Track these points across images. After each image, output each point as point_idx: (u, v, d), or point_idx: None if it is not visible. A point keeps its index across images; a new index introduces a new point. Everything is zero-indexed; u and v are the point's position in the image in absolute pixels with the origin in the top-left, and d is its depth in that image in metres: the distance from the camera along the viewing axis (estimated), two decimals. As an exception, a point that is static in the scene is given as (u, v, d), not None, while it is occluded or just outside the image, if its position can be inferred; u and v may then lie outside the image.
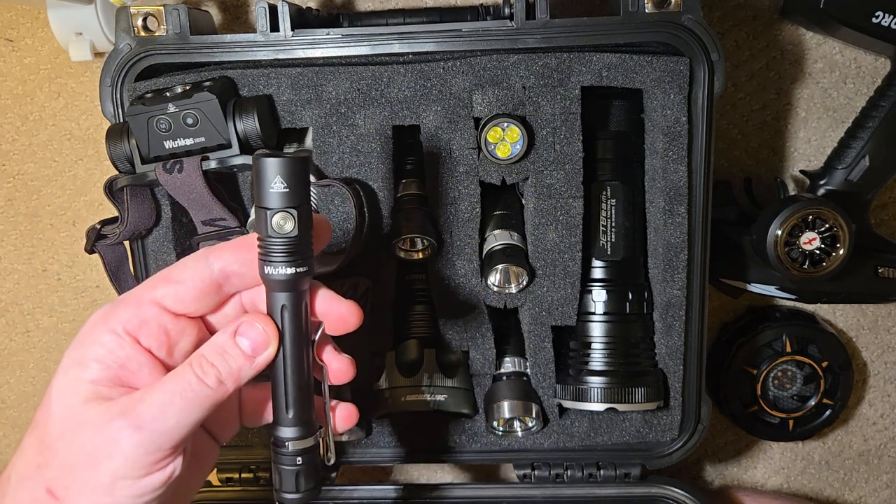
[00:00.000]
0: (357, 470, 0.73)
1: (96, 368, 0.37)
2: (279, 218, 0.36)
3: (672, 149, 0.55)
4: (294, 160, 0.36)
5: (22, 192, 0.72)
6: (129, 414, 0.36)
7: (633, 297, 0.57)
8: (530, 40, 0.53)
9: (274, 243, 0.37)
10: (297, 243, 0.37)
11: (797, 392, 0.67)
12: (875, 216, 0.68)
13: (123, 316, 0.37)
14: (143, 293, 0.38)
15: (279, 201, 0.36)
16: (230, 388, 0.37)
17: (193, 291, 0.38)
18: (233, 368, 0.37)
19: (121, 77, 0.54)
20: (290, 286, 0.38)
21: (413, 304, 0.60)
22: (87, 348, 0.37)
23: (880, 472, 0.74)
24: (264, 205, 0.36)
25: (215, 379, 0.37)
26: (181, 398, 0.36)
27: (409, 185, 0.57)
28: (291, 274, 0.37)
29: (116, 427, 0.36)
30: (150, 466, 0.36)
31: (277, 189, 0.36)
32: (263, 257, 0.37)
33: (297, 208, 0.36)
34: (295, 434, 0.40)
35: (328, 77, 0.54)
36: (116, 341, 0.37)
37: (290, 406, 0.40)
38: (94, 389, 0.37)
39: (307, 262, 0.38)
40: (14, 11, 0.69)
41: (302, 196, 0.37)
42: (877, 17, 0.58)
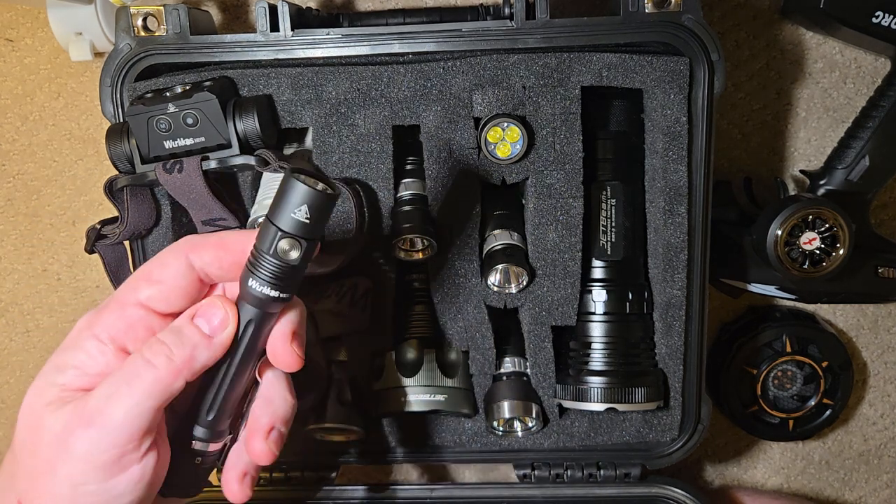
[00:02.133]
0: (357, 470, 0.73)
1: (72, 374, 0.35)
2: (287, 243, 0.35)
3: (672, 149, 0.55)
4: (326, 196, 0.35)
5: (22, 192, 0.72)
6: (80, 412, 0.34)
7: (633, 297, 0.57)
8: (530, 40, 0.53)
9: (270, 263, 0.36)
10: (291, 272, 0.36)
11: (797, 392, 0.67)
12: (875, 216, 0.68)
13: (108, 321, 0.36)
14: (127, 295, 0.37)
15: (295, 228, 0.35)
16: (183, 369, 0.35)
17: (176, 290, 0.37)
18: (186, 347, 0.35)
19: (121, 77, 0.54)
20: (264, 305, 0.37)
21: (413, 304, 0.60)
22: (69, 353, 0.36)
23: (880, 472, 0.74)
24: (279, 224, 0.35)
25: (165, 359, 0.34)
26: (126, 385, 0.34)
27: (409, 185, 0.57)
28: (273, 297, 0.36)
29: (68, 428, 0.34)
30: (110, 468, 0.34)
31: (299, 216, 0.35)
32: (252, 267, 0.36)
33: (308, 241, 0.36)
34: (204, 436, 0.40)
35: (328, 77, 0.54)
36: (99, 348, 0.36)
37: (212, 409, 0.39)
38: (60, 394, 0.35)
39: (290, 291, 0.37)
40: (14, 11, 0.69)
41: (318, 231, 0.36)
42: (877, 17, 0.58)
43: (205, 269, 0.37)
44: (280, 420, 0.39)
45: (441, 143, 0.55)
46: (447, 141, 0.55)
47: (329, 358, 0.61)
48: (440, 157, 0.55)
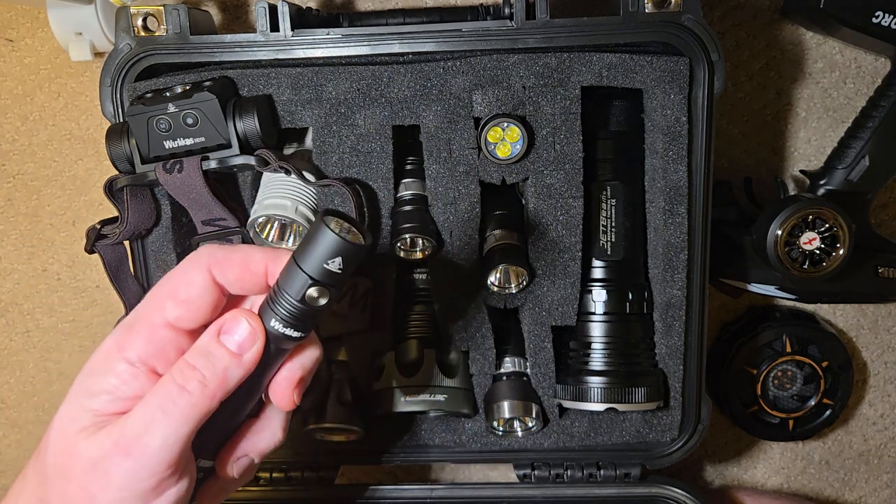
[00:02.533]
0: (357, 470, 0.73)
1: (105, 400, 0.35)
2: (316, 291, 0.34)
3: (672, 149, 0.55)
4: (361, 248, 0.34)
5: (22, 192, 0.72)
6: (116, 440, 0.34)
7: (633, 297, 0.57)
8: (530, 40, 0.53)
9: (295, 308, 0.35)
10: (314, 315, 0.36)
11: (797, 392, 0.67)
12: (875, 216, 0.68)
13: (138, 343, 0.35)
14: (154, 315, 0.36)
15: (327, 278, 0.34)
16: (217, 392, 0.35)
17: (203, 308, 0.36)
18: (217, 370, 0.35)
19: (121, 77, 0.54)
20: (281, 343, 0.37)
21: (413, 304, 0.60)
22: (100, 378, 0.35)
23: (880, 472, 0.74)
24: (310, 272, 0.34)
25: (198, 384, 0.34)
26: (163, 412, 0.34)
27: (409, 185, 0.57)
28: (293, 337, 0.36)
29: (106, 457, 0.33)
30: (147, 495, 0.34)
31: (332, 268, 0.34)
32: (273, 306, 0.36)
33: (337, 289, 0.35)
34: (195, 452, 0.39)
35: (328, 77, 0.54)
36: (131, 372, 0.35)
37: (204, 429, 0.37)
38: (94, 419, 0.35)
39: (308, 331, 0.37)
40: (14, 11, 0.69)
41: (346, 280, 0.35)
42: (877, 16, 0.58)
43: (227, 285, 0.37)
44: (257, 453, 0.40)
45: (441, 143, 0.55)
46: (447, 141, 0.55)
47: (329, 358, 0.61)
48: (440, 157, 0.55)
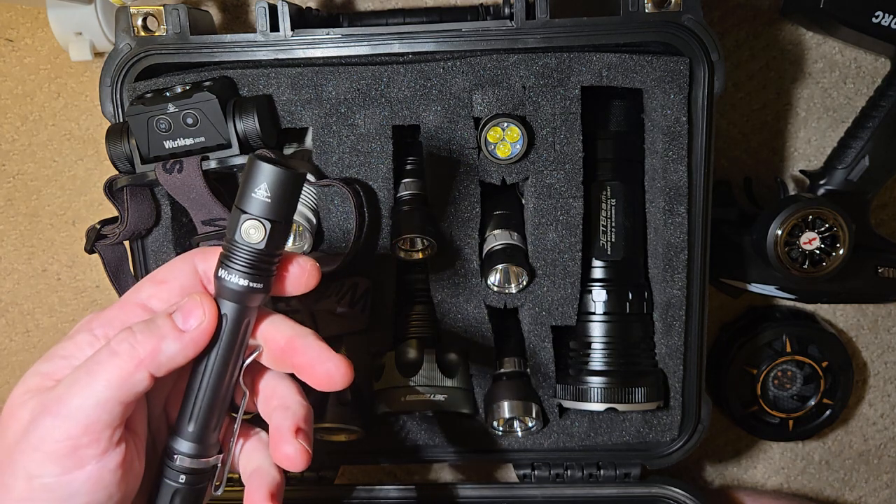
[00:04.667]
0: (357, 470, 0.73)
1: (58, 364, 0.35)
2: (250, 225, 0.34)
3: (672, 149, 0.55)
4: (287, 173, 0.34)
5: (22, 192, 0.72)
6: (47, 397, 0.33)
7: (633, 297, 0.57)
8: (530, 40, 0.53)
9: (237, 248, 0.35)
10: (259, 257, 0.35)
11: (797, 392, 0.67)
12: (875, 216, 0.68)
13: (107, 318, 0.36)
14: (130, 295, 0.36)
15: (257, 208, 0.34)
16: (145, 360, 0.33)
17: (178, 291, 0.36)
18: (152, 338, 0.33)
19: (121, 77, 0.54)
20: (238, 297, 0.36)
21: (413, 304, 0.60)
22: (61, 344, 0.35)
23: (880, 472, 0.74)
24: (241, 206, 0.35)
25: (127, 346, 0.33)
26: (87, 373, 0.33)
27: (409, 185, 0.57)
28: (243, 286, 0.35)
29: (32, 417, 0.33)
30: (64, 460, 0.32)
31: (259, 195, 0.34)
32: (223, 259, 0.35)
33: (272, 222, 0.34)
34: (189, 450, 0.37)
35: (328, 77, 0.54)
36: (88, 340, 0.35)
37: (193, 418, 0.37)
38: (40, 383, 0.34)
39: (263, 281, 0.36)
40: (14, 11, 0.69)
41: (283, 212, 0.35)
42: (877, 16, 0.58)
43: (207, 274, 0.36)
44: (302, 420, 0.38)
45: (441, 143, 0.55)
46: (447, 141, 0.55)
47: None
48: (440, 157, 0.55)
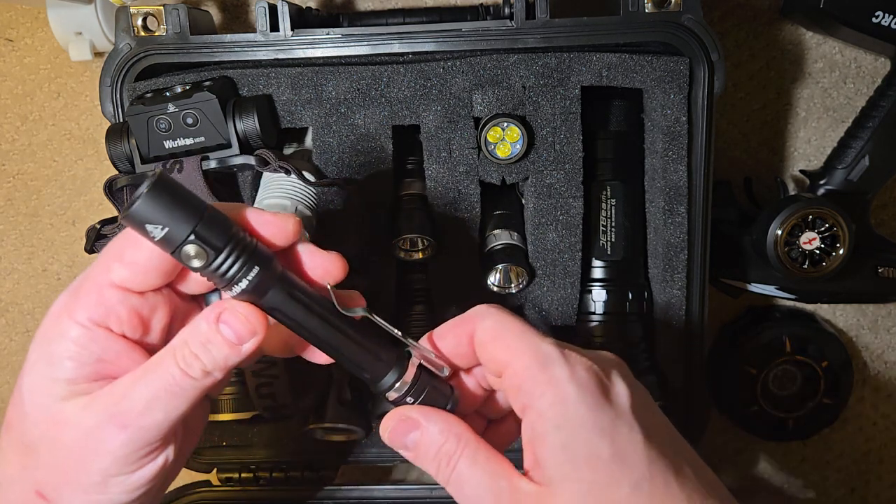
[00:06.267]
0: (357, 470, 0.73)
1: (70, 366, 0.35)
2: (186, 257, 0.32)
3: (672, 148, 0.55)
4: (142, 199, 0.30)
5: (22, 192, 0.72)
6: (113, 412, 0.34)
7: (633, 296, 0.57)
8: (530, 40, 0.53)
9: (209, 275, 0.33)
10: (224, 257, 0.32)
11: (797, 392, 0.67)
12: (875, 216, 0.68)
13: (88, 305, 0.35)
14: (101, 276, 0.35)
15: (171, 241, 0.32)
16: (218, 376, 0.35)
17: (151, 271, 0.35)
18: (218, 359, 0.35)
19: (120, 77, 0.54)
20: (258, 288, 0.34)
21: (413, 304, 0.60)
22: (56, 344, 0.35)
23: (881, 473, 0.74)
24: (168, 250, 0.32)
25: (200, 371, 0.34)
26: (166, 393, 0.34)
27: (409, 185, 0.57)
28: (248, 283, 0.33)
29: (101, 426, 0.34)
30: (140, 461, 0.35)
31: (159, 233, 0.31)
32: (217, 287, 0.34)
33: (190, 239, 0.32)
34: (390, 382, 0.36)
35: (328, 77, 0.54)
36: (87, 335, 0.35)
37: (362, 367, 0.36)
38: (71, 388, 0.35)
39: (251, 259, 0.33)
40: (14, 11, 0.69)
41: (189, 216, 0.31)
42: (877, 16, 0.58)
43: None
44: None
45: (441, 143, 0.55)
46: (447, 141, 0.55)
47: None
48: (440, 157, 0.55)
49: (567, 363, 0.35)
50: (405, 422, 0.37)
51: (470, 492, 0.35)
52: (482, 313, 0.38)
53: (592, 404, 0.34)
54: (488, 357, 0.37)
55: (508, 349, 0.36)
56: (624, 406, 0.35)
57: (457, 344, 0.39)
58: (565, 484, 0.33)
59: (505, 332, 0.37)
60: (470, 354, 0.39)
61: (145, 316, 0.36)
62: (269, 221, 0.35)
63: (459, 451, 0.35)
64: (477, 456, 0.35)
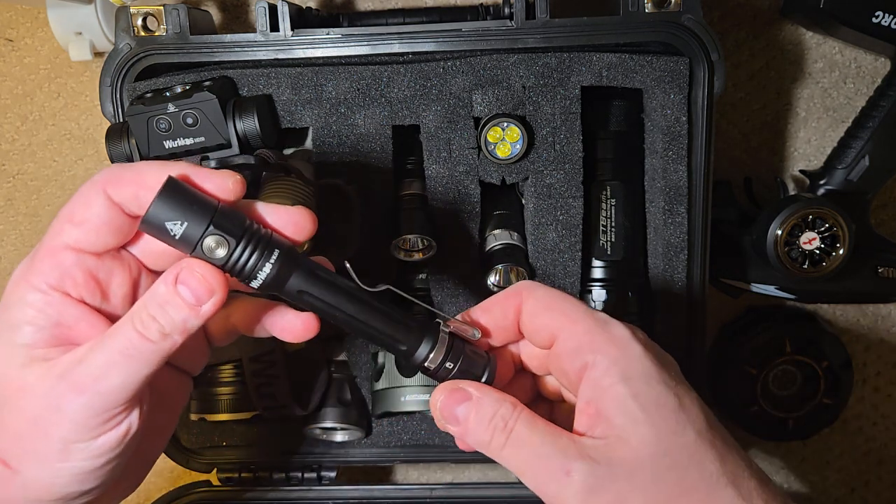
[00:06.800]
0: (357, 470, 0.73)
1: (29, 331, 0.34)
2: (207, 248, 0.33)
3: (672, 149, 0.55)
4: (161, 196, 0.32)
5: (22, 192, 0.72)
6: (70, 377, 0.34)
7: (633, 296, 0.57)
8: (530, 40, 0.53)
9: (232, 268, 0.33)
10: (244, 245, 0.33)
11: (797, 392, 0.67)
12: (875, 216, 0.68)
13: (42, 270, 0.35)
14: (54, 239, 0.35)
15: (189, 236, 0.32)
16: (178, 339, 0.34)
17: (103, 229, 0.35)
18: (176, 321, 0.34)
19: (120, 77, 0.54)
20: (282, 273, 0.34)
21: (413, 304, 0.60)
22: (15, 310, 0.35)
23: (881, 473, 0.74)
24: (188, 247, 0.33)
25: (158, 333, 0.34)
26: (122, 356, 0.34)
27: (409, 185, 0.57)
28: (272, 267, 0.33)
29: (58, 392, 0.34)
30: (100, 427, 0.34)
31: (178, 229, 0.32)
32: (242, 281, 0.34)
33: (210, 231, 0.32)
34: (424, 353, 0.37)
35: (328, 77, 0.54)
36: (44, 299, 0.34)
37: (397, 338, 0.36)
38: (30, 353, 0.34)
39: (269, 247, 0.33)
40: (14, 11, 0.69)
41: (204, 210, 0.32)
42: (877, 16, 0.58)
43: (126, 205, 0.35)
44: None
45: (441, 143, 0.55)
46: (447, 141, 0.55)
47: (329, 358, 0.62)
48: (440, 157, 0.55)
49: (625, 325, 0.37)
50: (457, 391, 0.37)
51: (529, 452, 0.35)
52: (530, 286, 0.39)
53: (655, 362, 0.36)
54: (540, 325, 0.38)
55: (565, 314, 0.37)
56: (677, 368, 0.38)
57: (502, 317, 0.39)
58: (637, 428, 0.34)
59: (559, 301, 0.38)
60: (509, 329, 0.39)
61: (102, 280, 0.36)
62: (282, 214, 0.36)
63: (517, 415, 0.36)
64: (534, 419, 0.36)
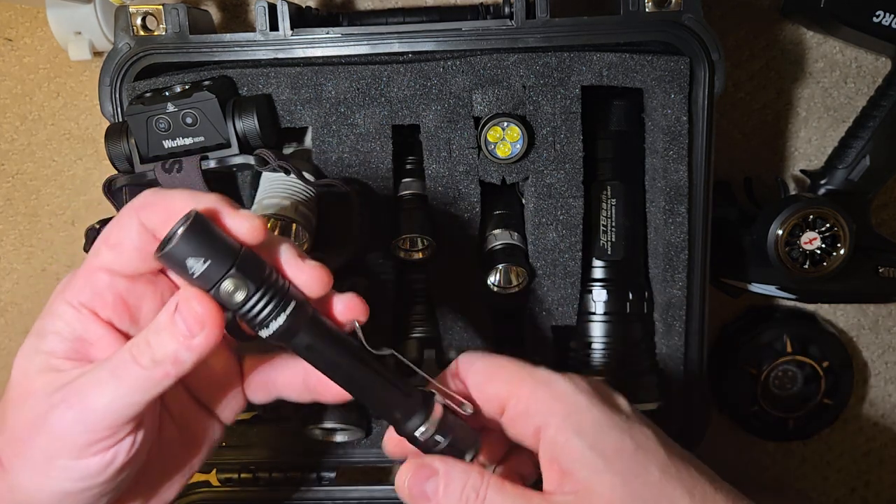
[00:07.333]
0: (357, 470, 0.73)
1: (53, 340, 0.35)
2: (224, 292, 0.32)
3: (672, 148, 0.55)
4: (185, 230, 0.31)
5: (21, 192, 0.72)
6: (65, 390, 0.34)
7: (633, 296, 0.57)
8: (530, 39, 0.53)
9: (244, 313, 0.33)
10: (262, 293, 0.32)
11: (798, 392, 0.67)
12: (876, 216, 0.68)
13: (77, 287, 0.35)
14: (93, 259, 0.35)
15: (211, 275, 0.32)
16: (170, 370, 0.33)
17: (134, 253, 0.35)
18: (168, 350, 0.33)
19: (120, 76, 0.54)
20: (292, 328, 0.33)
21: (413, 304, 0.60)
22: (47, 320, 0.35)
23: (882, 473, 0.74)
24: (205, 287, 0.32)
25: (149, 360, 0.33)
26: (113, 377, 0.33)
27: (409, 185, 0.57)
28: (285, 320, 0.33)
29: (53, 401, 0.34)
30: (84, 448, 0.34)
31: (200, 267, 0.32)
32: (250, 326, 0.33)
33: (231, 273, 0.32)
34: (418, 422, 0.36)
35: (328, 76, 0.54)
36: (73, 314, 0.35)
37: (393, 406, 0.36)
38: (47, 360, 0.35)
39: (286, 298, 0.33)
40: (13, 10, 0.69)
41: (227, 252, 0.32)
42: (877, 16, 0.58)
43: (157, 231, 0.34)
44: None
45: (441, 143, 0.55)
46: (447, 140, 0.55)
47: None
48: (440, 156, 0.55)
49: (567, 379, 0.38)
50: (422, 468, 0.37)
51: None
52: (468, 360, 0.40)
53: (604, 408, 0.37)
54: (488, 396, 0.38)
55: (508, 382, 0.38)
56: (628, 409, 0.38)
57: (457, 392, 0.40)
58: (602, 477, 0.35)
59: (499, 369, 0.39)
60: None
61: (132, 304, 0.36)
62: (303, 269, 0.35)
63: (486, 483, 0.36)
64: (504, 484, 0.37)
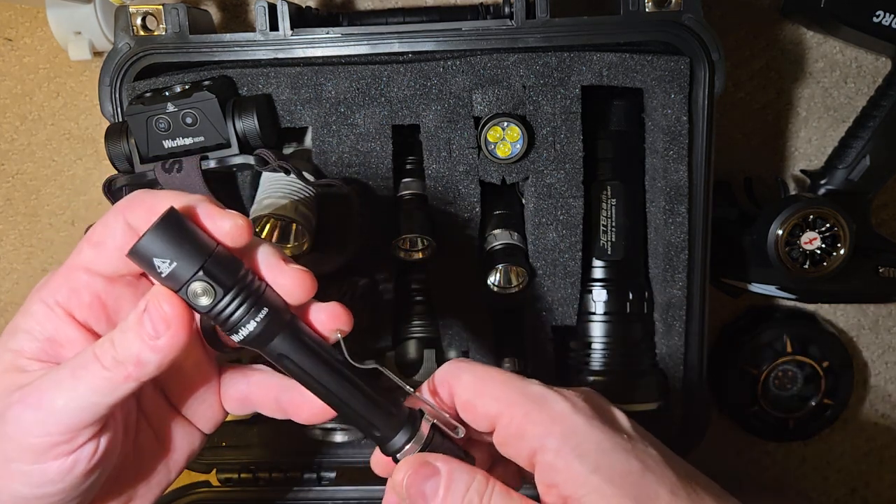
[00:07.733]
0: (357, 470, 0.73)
1: (23, 339, 0.34)
2: (192, 294, 0.31)
3: (673, 148, 0.55)
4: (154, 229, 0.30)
5: (21, 192, 0.72)
6: (27, 388, 0.32)
7: (633, 296, 0.57)
8: (530, 39, 0.53)
9: (213, 315, 0.32)
10: (232, 297, 0.31)
11: (798, 392, 0.67)
12: (876, 216, 0.68)
13: (54, 286, 0.34)
14: (73, 259, 0.34)
15: (178, 276, 0.31)
16: (132, 372, 0.32)
17: (117, 252, 0.33)
18: (131, 350, 0.32)
19: (120, 76, 0.54)
20: (265, 333, 0.32)
21: (413, 304, 0.60)
22: (20, 318, 0.34)
23: (882, 473, 0.74)
24: (174, 288, 0.31)
25: (111, 360, 0.32)
26: (73, 376, 0.32)
27: (408, 185, 0.57)
28: (256, 326, 0.32)
29: (11, 401, 0.32)
30: (42, 452, 0.32)
31: (166, 268, 0.30)
32: (223, 330, 0.32)
33: (197, 277, 0.31)
34: (402, 443, 0.34)
35: (328, 76, 0.54)
36: (45, 312, 0.34)
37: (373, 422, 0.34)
38: (14, 360, 0.34)
39: (259, 303, 0.32)
40: (13, 10, 0.69)
41: (197, 252, 0.31)
42: (877, 16, 0.58)
43: (139, 230, 0.33)
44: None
45: (441, 143, 0.55)
46: (447, 140, 0.55)
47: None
48: (440, 156, 0.55)
49: (563, 397, 0.34)
50: (424, 466, 0.34)
51: None
52: (455, 371, 0.36)
53: (605, 428, 0.34)
54: (477, 414, 0.35)
55: (498, 401, 0.35)
56: (628, 428, 0.35)
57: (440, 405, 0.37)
58: (610, 502, 0.32)
59: (487, 384, 0.35)
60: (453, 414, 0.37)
61: (111, 306, 0.35)
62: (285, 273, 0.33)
63: (491, 489, 0.34)
64: (509, 493, 0.34)
